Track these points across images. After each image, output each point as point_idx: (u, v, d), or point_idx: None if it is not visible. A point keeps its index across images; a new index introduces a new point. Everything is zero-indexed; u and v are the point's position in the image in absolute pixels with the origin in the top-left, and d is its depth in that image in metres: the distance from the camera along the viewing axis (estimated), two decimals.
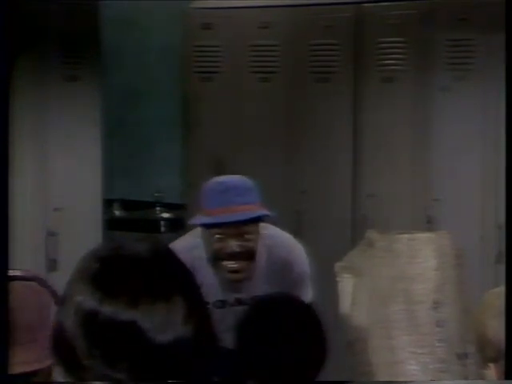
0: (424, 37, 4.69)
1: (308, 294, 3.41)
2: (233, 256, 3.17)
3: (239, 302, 3.37)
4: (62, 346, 1.31)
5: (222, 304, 3.37)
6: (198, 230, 3.28)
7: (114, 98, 5.85)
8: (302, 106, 4.98)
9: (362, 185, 4.87)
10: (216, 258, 3.21)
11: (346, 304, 2.25)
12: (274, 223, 3.37)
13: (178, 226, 5.05)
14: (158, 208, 6.04)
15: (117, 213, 6.06)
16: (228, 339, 3.36)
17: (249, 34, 5.04)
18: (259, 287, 3.32)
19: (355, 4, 4.85)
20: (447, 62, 4.65)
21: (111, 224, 5.47)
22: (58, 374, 1.33)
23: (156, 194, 6.05)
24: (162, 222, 5.88)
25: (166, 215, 5.92)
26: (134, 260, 1.34)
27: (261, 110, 5.08)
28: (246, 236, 3.16)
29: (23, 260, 4.06)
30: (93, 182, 4.87)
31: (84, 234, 4.66)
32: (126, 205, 6.08)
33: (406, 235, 2.19)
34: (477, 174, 4.60)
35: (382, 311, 2.16)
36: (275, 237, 3.37)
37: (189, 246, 3.29)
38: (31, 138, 4.54)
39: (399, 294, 2.11)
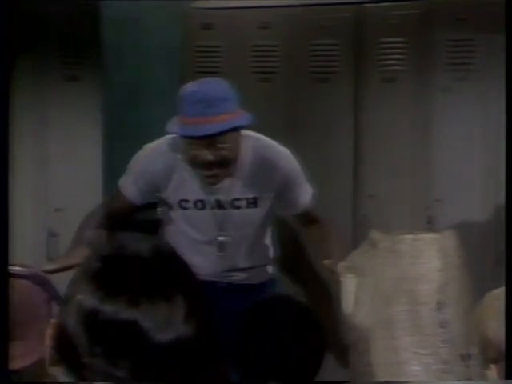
0: (424, 37, 4.69)
1: (306, 194, 3.40)
2: (208, 164, 3.18)
3: (219, 204, 3.37)
4: (63, 345, 1.32)
5: (202, 205, 3.38)
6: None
7: (115, 98, 5.84)
8: (302, 106, 4.97)
9: (363, 185, 4.87)
10: (191, 164, 3.22)
11: (348, 304, 2.24)
12: None
13: None
14: (158, 208, 6.02)
15: None
16: (209, 247, 3.37)
17: (249, 34, 5.03)
18: (240, 188, 3.33)
19: (355, 4, 4.85)
20: (448, 63, 4.65)
21: None
22: (60, 373, 1.33)
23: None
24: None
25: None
26: (135, 259, 1.35)
27: (261, 110, 5.07)
28: (221, 145, 3.16)
29: (24, 260, 4.05)
30: (93, 182, 4.87)
31: None
32: None
33: (409, 235, 2.18)
34: (478, 174, 4.60)
35: (384, 312, 2.15)
36: (259, 139, 3.39)
37: (171, 145, 3.33)
38: (31, 138, 4.54)
39: (402, 295, 2.11)
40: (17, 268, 1.92)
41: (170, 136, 3.44)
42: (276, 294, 3.20)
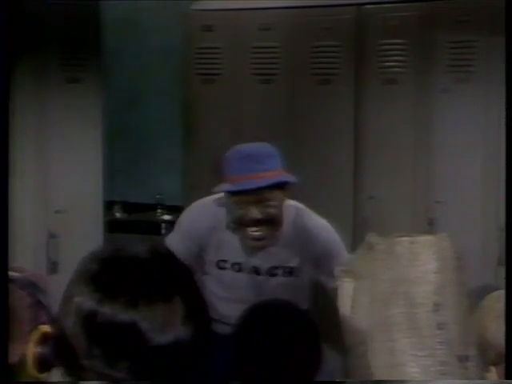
0: (425, 39, 4.69)
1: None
2: (255, 223, 3.17)
3: (256, 270, 3.36)
4: (62, 346, 1.32)
5: (240, 268, 3.37)
6: (222, 195, 3.29)
7: (115, 99, 5.84)
8: (303, 107, 4.97)
9: (364, 187, 4.87)
10: (238, 224, 3.21)
11: (346, 307, 2.24)
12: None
13: None
14: (158, 210, 6.04)
15: (117, 215, 6.06)
16: (237, 309, 3.37)
17: (250, 35, 5.04)
18: (278, 256, 3.32)
19: (356, 6, 4.85)
20: (448, 64, 4.64)
21: (112, 226, 5.46)
22: (58, 374, 1.33)
23: (157, 196, 6.05)
24: (163, 225, 5.87)
25: (166, 217, 5.91)
26: (133, 261, 1.35)
27: (262, 111, 5.08)
28: (268, 203, 3.16)
29: (24, 262, 4.05)
30: (94, 184, 4.86)
31: (85, 236, 4.65)
32: (127, 207, 6.08)
33: (406, 238, 2.18)
34: (478, 176, 4.59)
35: (382, 314, 2.15)
36: (302, 209, 3.38)
37: (215, 205, 3.32)
38: (32, 139, 4.54)
39: (400, 297, 2.11)
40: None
41: (216, 196, 3.42)
42: (273, 299, 3.19)
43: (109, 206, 5.47)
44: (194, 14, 5.20)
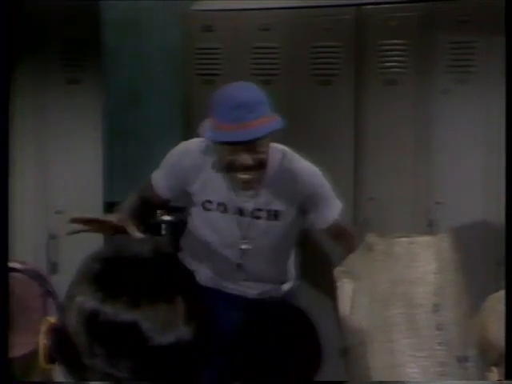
0: (425, 39, 4.68)
1: (334, 209, 3.39)
2: (245, 168, 3.18)
3: (240, 211, 3.36)
4: (64, 345, 1.32)
5: (224, 208, 3.37)
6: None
7: (115, 100, 5.84)
8: (302, 108, 4.96)
9: (364, 188, 4.86)
10: (228, 169, 3.22)
11: (345, 308, 2.24)
12: None
13: (179, 229, 5.03)
14: (158, 210, 6.02)
15: None
16: (226, 254, 3.37)
17: (250, 36, 5.03)
18: (263, 199, 3.33)
19: (356, 6, 4.84)
20: (448, 65, 4.63)
21: None
22: (54, 370, 1.34)
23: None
24: (163, 225, 5.86)
25: (166, 218, 5.90)
26: (135, 261, 1.36)
27: None
28: (259, 149, 3.17)
29: (27, 261, 4.04)
30: (94, 184, 4.86)
31: (85, 237, 4.64)
32: None
33: (405, 239, 2.18)
34: (479, 176, 4.58)
35: (381, 315, 2.15)
36: (288, 153, 3.39)
37: (203, 146, 3.32)
38: (32, 140, 4.53)
39: (399, 298, 2.11)
40: (14, 263, 1.94)
41: (201, 139, 3.42)
42: (274, 299, 3.20)
43: (109, 206, 5.45)
44: (194, 15, 5.19)
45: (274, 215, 3.39)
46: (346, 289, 2.27)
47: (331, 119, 4.90)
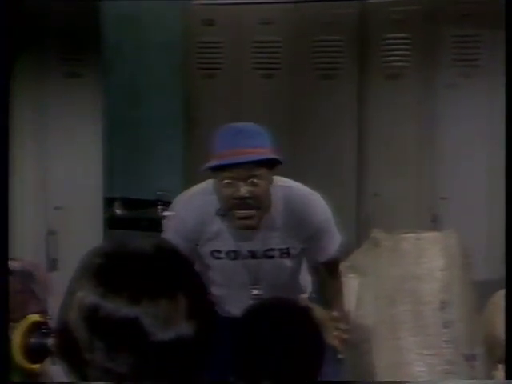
0: (429, 33, 4.66)
1: (335, 243, 3.41)
2: (242, 201, 3.18)
3: (252, 254, 3.38)
4: (64, 341, 1.32)
5: (235, 255, 3.39)
6: (211, 182, 3.30)
7: (115, 95, 5.82)
8: (304, 103, 4.95)
9: (367, 183, 4.84)
10: (226, 206, 3.22)
11: (351, 304, 2.21)
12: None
13: None
14: (159, 206, 6.01)
15: (118, 211, 6.04)
16: (241, 295, 3.38)
17: (251, 30, 5.01)
18: (273, 239, 3.34)
19: (360, 0, 4.82)
20: (453, 59, 4.62)
21: (112, 223, 5.45)
22: (60, 370, 1.34)
23: (158, 193, 6.02)
24: (164, 221, 5.85)
25: (167, 213, 5.88)
26: (137, 257, 1.35)
27: (263, 107, 5.05)
28: (255, 180, 3.17)
29: (23, 258, 4.03)
30: (93, 180, 4.84)
31: (85, 233, 4.64)
32: (127, 203, 6.06)
33: (412, 234, 2.15)
34: (483, 171, 4.56)
35: (388, 311, 2.12)
36: (290, 188, 3.39)
37: (205, 191, 3.34)
38: (31, 135, 4.52)
39: (406, 294, 2.08)
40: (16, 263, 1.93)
41: (201, 186, 3.43)
42: (275, 296, 3.18)
43: (109, 202, 5.44)
44: (195, 9, 5.18)
45: (286, 252, 3.43)
46: (351, 284, 2.25)
47: (334, 114, 4.88)
